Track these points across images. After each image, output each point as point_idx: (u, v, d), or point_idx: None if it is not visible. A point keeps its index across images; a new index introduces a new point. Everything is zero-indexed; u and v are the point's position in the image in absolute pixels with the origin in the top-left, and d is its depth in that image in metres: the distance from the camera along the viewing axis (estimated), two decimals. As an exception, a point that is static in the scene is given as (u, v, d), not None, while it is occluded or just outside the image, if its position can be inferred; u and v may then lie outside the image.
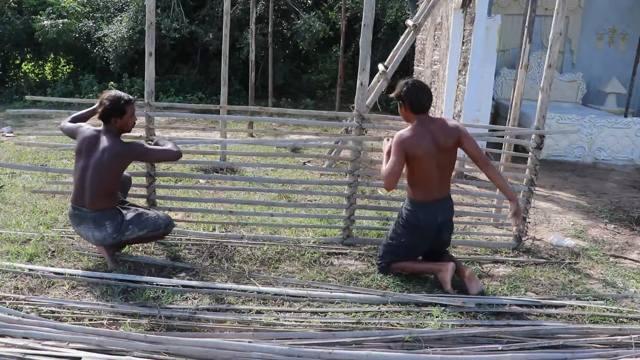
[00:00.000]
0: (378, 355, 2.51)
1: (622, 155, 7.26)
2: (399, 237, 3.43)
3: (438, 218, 3.33)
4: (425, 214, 3.32)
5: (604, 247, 4.32)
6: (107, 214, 3.32)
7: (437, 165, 3.27)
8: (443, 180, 3.35)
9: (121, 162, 3.34)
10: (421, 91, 3.29)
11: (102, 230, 3.31)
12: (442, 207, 3.36)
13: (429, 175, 3.28)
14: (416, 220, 3.33)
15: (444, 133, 3.26)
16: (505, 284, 3.50)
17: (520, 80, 4.46)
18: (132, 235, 3.39)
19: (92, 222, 3.30)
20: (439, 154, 3.25)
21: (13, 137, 7.52)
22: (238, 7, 11.40)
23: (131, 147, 3.35)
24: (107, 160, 3.25)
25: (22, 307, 2.87)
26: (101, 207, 3.30)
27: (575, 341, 2.75)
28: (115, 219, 3.34)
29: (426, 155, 3.22)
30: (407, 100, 3.29)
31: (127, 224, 3.36)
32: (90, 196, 3.27)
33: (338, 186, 4.81)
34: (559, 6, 3.77)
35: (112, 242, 3.38)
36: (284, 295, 3.15)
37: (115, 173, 3.34)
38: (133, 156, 3.42)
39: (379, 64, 6.01)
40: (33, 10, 11.80)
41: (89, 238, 3.39)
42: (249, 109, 4.39)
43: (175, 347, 2.45)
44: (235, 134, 7.97)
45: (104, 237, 3.33)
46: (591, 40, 8.82)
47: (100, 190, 3.28)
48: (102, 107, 3.32)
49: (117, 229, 3.33)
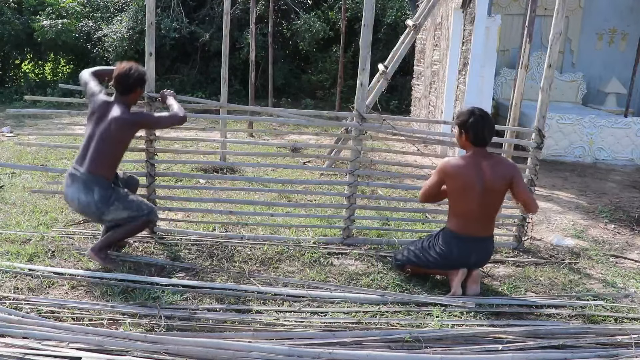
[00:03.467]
0: (378, 355, 2.51)
1: (622, 155, 7.26)
2: (428, 256, 3.33)
3: (471, 258, 3.26)
4: (459, 250, 3.23)
5: (604, 247, 4.32)
6: (99, 181, 3.29)
7: (480, 202, 3.16)
8: (484, 218, 3.24)
9: (128, 131, 3.36)
10: (487, 125, 3.18)
11: (89, 195, 3.27)
12: (478, 247, 3.26)
13: (468, 210, 3.19)
14: (449, 252, 3.25)
15: (494, 173, 3.15)
16: (505, 284, 3.50)
17: (520, 80, 4.46)
18: (115, 214, 3.33)
19: (83, 184, 3.27)
20: (484, 192, 3.14)
21: (13, 137, 7.51)
22: (238, 7, 11.40)
23: (139, 116, 3.42)
24: (114, 129, 3.29)
25: (22, 307, 2.86)
26: (96, 173, 3.28)
27: (575, 341, 2.75)
28: (106, 189, 3.31)
29: (468, 190, 3.14)
30: (472, 132, 3.17)
31: (114, 198, 3.33)
32: (91, 160, 3.28)
33: (338, 186, 4.80)
34: (559, 6, 3.77)
35: (94, 214, 3.33)
36: (284, 295, 3.15)
37: (121, 142, 3.35)
38: (140, 124, 3.44)
39: (379, 64, 6.01)
40: (33, 10, 11.79)
41: (73, 201, 3.33)
42: (249, 108, 4.39)
43: (175, 347, 2.45)
44: (235, 134, 7.97)
45: (88, 202, 3.27)
46: (591, 40, 8.82)
47: (102, 158, 3.29)
48: (126, 76, 3.35)
49: (103, 199, 3.28)
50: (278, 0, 11.78)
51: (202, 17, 11.90)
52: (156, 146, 3.93)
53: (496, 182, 3.16)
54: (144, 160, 3.91)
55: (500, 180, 3.16)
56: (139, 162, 4.04)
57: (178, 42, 11.30)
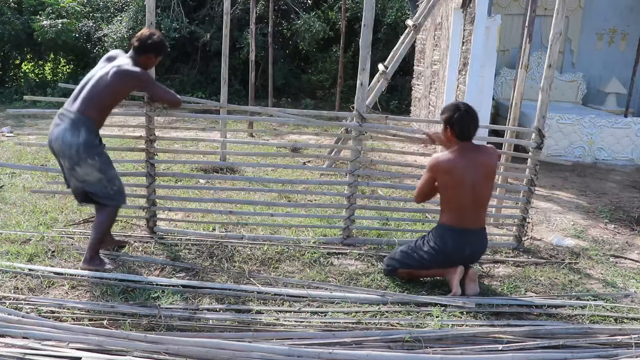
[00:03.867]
0: (378, 355, 2.51)
1: (622, 155, 7.26)
2: (422, 254, 3.34)
3: (466, 250, 3.27)
4: (454, 242, 3.25)
5: (604, 247, 4.32)
6: (87, 122, 3.23)
7: (472, 195, 3.21)
8: (477, 210, 3.28)
9: (125, 83, 3.30)
10: (472, 119, 3.22)
11: (75, 136, 3.19)
12: (472, 239, 3.29)
13: (461, 203, 3.22)
14: (444, 245, 3.27)
15: (482, 163, 3.22)
16: (505, 284, 3.50)
17: (520, 80, 4.46)
18: (88, 171, 3.24)
19: (70, 123, 3.21)
20: (475, 183, 3.19)
21: (13, 137, 7.51)
22: (238, 7, 11.40)
23: (140, 72, 3.33)
24: (112, 74, 3.25)
25: (22, 307, 2.87)
26: (86, 114, 3.22)
27: (575, 341, 2.75)
28: (93, 135, 3.24)
29: (459, 183, 3.18)
30: (457, 127, 3.21)
31: (97, 152, 3.25)
32: (82, 100, 3.24)
33: (338, 186, 4.81)
34: (559, 6, 3.77)
35: (71, 160, 3.22)
36: (284, 295, 3.15)
37: (114, 90, 3.27)
38: (138, 80, 3.34)
39: (379, 64, 6.01)
40: (33, 10, 11.79)
41: (57, 140, 3.23)
42: (249, 109, 4.39)
43: (175, 347, 2.45)
44: (235, 134, 7.97)
45: (71, 143, 3.18)
46: (591, 40, 8.82)
47: (94, 100, 3.24)
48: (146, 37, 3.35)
49: (87, 144, 3.20)
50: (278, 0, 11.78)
51: (202, 17, 11.90)
52: (156, 146, 3.93)
53: (485, 172, 3.23)
54: (144, 160, 3.91)
55: (489, 169, 3.25)
56: (139, 162, 4.04)
57: (178, 42, 11.30)
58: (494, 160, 3.29)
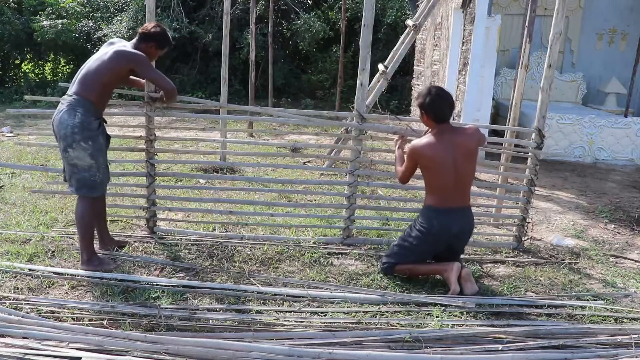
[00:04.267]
0: (378, 355, 2.51)
1: (622, 155, 7.26)
2: (411, 240, 3.41)
3: (452, 228, 3.31)
4: (439, 221, 3.30)
5: (604, 247, 4.32)
6: (85, 103, 3.23)
7: (455, 174, 3.26)
8: (461, 189, 3.32)
9: (120, 62, 3.29)
10: (445, 101, 3.29)
11: (71, 116, 3.19)
12: (458, 217, 3.33)
13: (445, 184, 3.28)
14: (430, 226, 3.32)
15: (462, 143, 3.27)
16: (505, 284, 3.50)
17: (520, 80, 4.46)
18: (80, 154, 3.23)
19: (68, 105, 3.23)
20: (457, 164, 3.25)
21: (13, 137, 7.51)
22: (238, 7, 11.40)
23: (138, 54, 3.33)
24: (110, 55, 3.28)
25: (22, 307, 2.87)
26: (83, 95, 3.23)
27: (575, 341, 2.75)
28: (89, 116, 3.24)
29: (441, 165, 3.24)
30: (431, 110, 3.28)
31: (92, 136, 3.24)
32: (79, 83, 3.27)
33: (338, 186, 4.81)
34: (559, 6, 3.77)
35: (65, 140, 3.21)
36: (284, 295, 3.15)
37: (111, 70, 3.28)
38: (133, 60, 3.32)
39: (379, 64, 6.01)
40: (33, 10, 11.79)
41: (55, 121, 3.25)
42: (249, 109, 4.39)
43: (175, 347, 2.45)
44: (235, 134, 7.97)
45: (67, 123, 3.19)
46: (591, 40, 8.82)
47: (91, 81, 3.25)
48: (151, 27, 3.41)
49: (82, 125, 3.20)
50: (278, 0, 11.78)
51: (202, 17, 11.90)
52: (156, 146, 3.93)
53: (464, 152, 3.28)
54: (144, 160, 3.90)
55: (468, 149, 3.29)
56: (139, 162, 4.04)
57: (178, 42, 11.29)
58: (473, 140, 3.32)
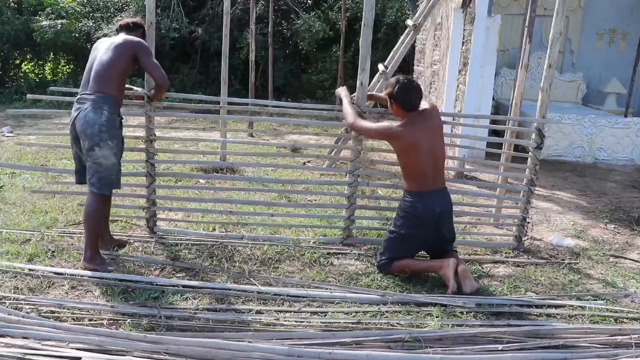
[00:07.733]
0: (378, 355, 2.51)
1: (622, 155, 7.26)
2: (398, 229, 3.47)
3: (436, 209, 3.38)
4: (423, 204, 3.38)
5: (604, 247, 4.32)
6: (108, 100, 3.32)
7: (433, 158, 3.38)
8: (437, 170, 3.44)
9: (126, 49, 3.39)
10: (412, 90, 3.38)
11: (97, 114, 3.25)
12: (439, 198, 3.43)
13: (423, 169, 3.38)
14: (414, 210, 3.39)
15: (431, 125, 3.40)
16: (505, 284, 3.50)
17: (520, 80, 4.46)
18: (106, 153, 3.27)
19: (92, 103, 3.27)
20: (434, 146, 3.37)
21: (13, 137, 7.51)
22: (238, 7, 11.40)
23: (140, 42, 3.46)
24: (115, 45, 3.38)
25: (22, 307, 2.86)
26: (104, 91, 3.30)
27: (575, 341, 2.75)
28: (114, 113, 3.35)
29: (419, 152, 3.34)
30: (400, 100, 3.38)
31: (117, 135, 3.37)
32: (94, 80, 3.33)
33: (338, 186, 4.80)
34: (559, 6, 3.77)
35: (91, 139, 3.24)
36: (284, 295, 3.15)
37: (119, 59, 3.37)
38: (138, 45, 3.43)
39: (379, 64, 6.01)
40: (33, 10, 11.79)
41: (79, 120, 3.26)
42: (249, 108, 4.38)
43: (175, 347, 2.45)
44: (235, 134, 7.97)
45: (93, 122, 3.23)
46: (591, 40, 8.82)
47: (106, 76, 3.32)
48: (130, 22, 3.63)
49: (109, 122, 3.28)
50: (278, 0, 11.78)
51: (202, 17, 11.90)
52: (156, 146, 3.93)
53: (438, 133, 3.43)
54: (144, 160, 3.90)
55: (439, 129, 3.45)
56: (139, 162, 4.04)
57: (178, 42, 11.30)
58: (439, 118, 3.47)
